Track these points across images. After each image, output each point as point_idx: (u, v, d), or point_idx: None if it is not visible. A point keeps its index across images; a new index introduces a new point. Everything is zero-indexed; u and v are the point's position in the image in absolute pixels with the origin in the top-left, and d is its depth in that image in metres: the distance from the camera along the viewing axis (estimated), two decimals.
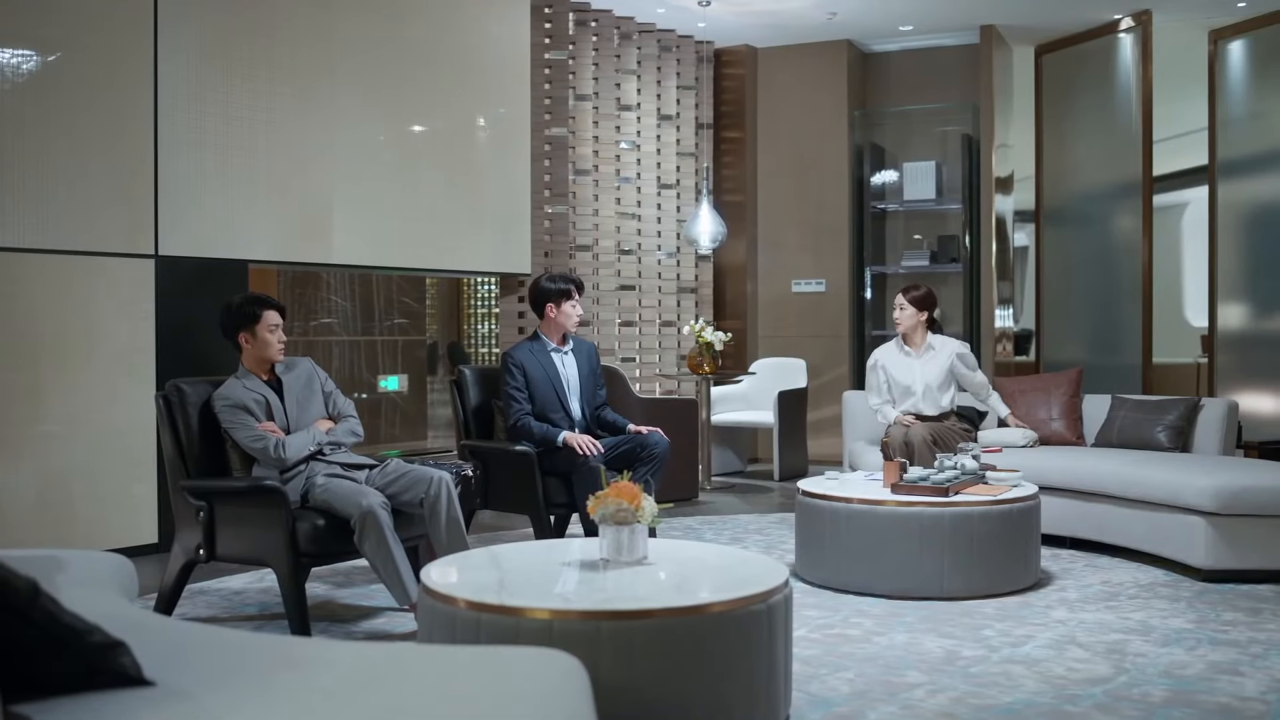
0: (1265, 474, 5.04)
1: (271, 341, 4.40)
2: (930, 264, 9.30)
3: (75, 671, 1.89)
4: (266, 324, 4.39)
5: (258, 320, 4.39)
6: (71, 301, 5.34)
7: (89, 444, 5.40)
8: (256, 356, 4.41)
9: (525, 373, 5.35)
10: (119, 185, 5.49)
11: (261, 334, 4.39)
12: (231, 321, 4.41)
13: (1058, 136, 9.28)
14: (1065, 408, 6.26)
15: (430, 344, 10.10)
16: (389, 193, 6.72)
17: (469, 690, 1.91)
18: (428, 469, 4.34)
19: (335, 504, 4.10)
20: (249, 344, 4.40)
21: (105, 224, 5.44)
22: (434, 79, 7.01)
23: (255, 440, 4.21)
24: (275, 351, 4.42)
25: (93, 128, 5.38)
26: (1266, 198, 8.43)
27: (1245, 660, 3.77)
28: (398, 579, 4.05)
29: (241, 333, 4.40)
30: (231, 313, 4.42)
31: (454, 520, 4.24)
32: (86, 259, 5.38)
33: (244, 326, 4.39)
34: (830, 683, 3.52)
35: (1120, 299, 8.66)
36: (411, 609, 4.05)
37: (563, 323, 5.52)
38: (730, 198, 9.44)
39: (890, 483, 4.89)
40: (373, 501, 4.04)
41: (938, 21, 8.90)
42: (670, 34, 9.01)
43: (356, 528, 4.04)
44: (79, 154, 5.34)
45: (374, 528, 4.01)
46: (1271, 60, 8.36)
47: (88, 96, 5.36)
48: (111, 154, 5.46)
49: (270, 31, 6.09)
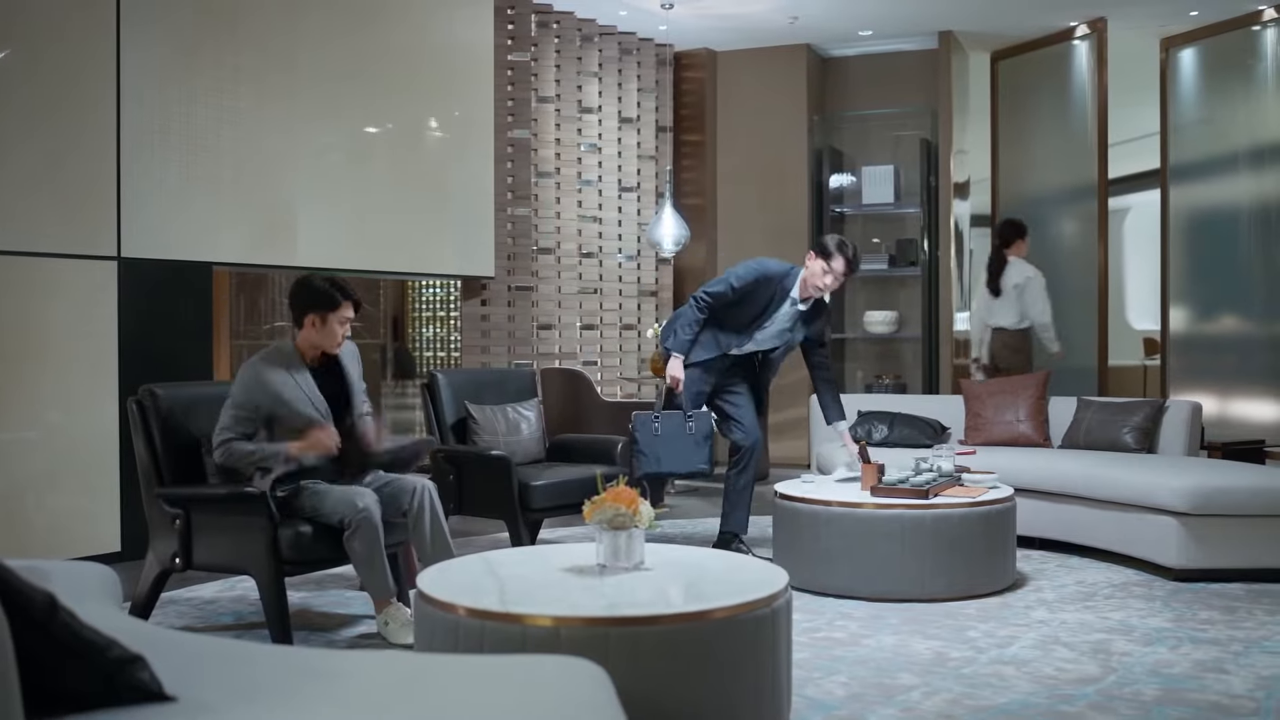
0: (1235, 475, 5.12)
1: (339, 333, 4.19)
2: (889, 267, 9.36)
3: (95, 687, 1.83)
4: (341, 315, 4.17)
5: (335, 308, 4.14)
6: (31, 305, 5.20)
7: (49, 451, 5.26)
8: (314, 342, 4.18)
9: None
10: (80, 186, 5.36)
11: (332, 323, 4.16)
12: (308, 300, 4.15)
13: (1013, 141, 9.39)
14: (1032, 410, 6.32)
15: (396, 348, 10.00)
16: (353, 194, 6.64)
17: (505, 700, 1.87)
18: (409, 477, 4.27)
19: (325, 508, 4.02)
20: (315, 328, 4.14)
21: (66, 225, 5.31)
22: (398, 81, 6.93)
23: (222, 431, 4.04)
24: (335, 343, 4.21)
25: (53, 128, 5.25)
26: (1212, 203, 8.59)
27: (1229, 658, 3.81)
28: (381, 575, 4.02)
29: (312, 314, 4.14)
30: (310, 291, 4.15)
31: (439, 528, 4.18)
32: (46, 261, 5.24)
33: (319, 309, 4.14)
34: (825, 686, 3.51)
35: (1072, 302, 8.77)
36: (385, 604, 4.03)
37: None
38: (690, 201, 9.44)
39: (869, 485, 4.90)
40: (369, 502, 3.98)
41: (897, 27, 8.97)
42: (631, 36, 9.00)
43: (349, 525, 3.96)
44: (38, 154, 5.20)
45: (369, 527, 3.95)
46: (1221, 68, 8.52)
47: (48, 96, 5.23)
48: (72, 154, 5.33)
49: (234, 32, 5.99)
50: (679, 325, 5.49)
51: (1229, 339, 8.43)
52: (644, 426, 5.41)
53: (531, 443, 5.71)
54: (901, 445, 6.24)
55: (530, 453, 5.68)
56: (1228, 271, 8.43)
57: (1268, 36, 8.14)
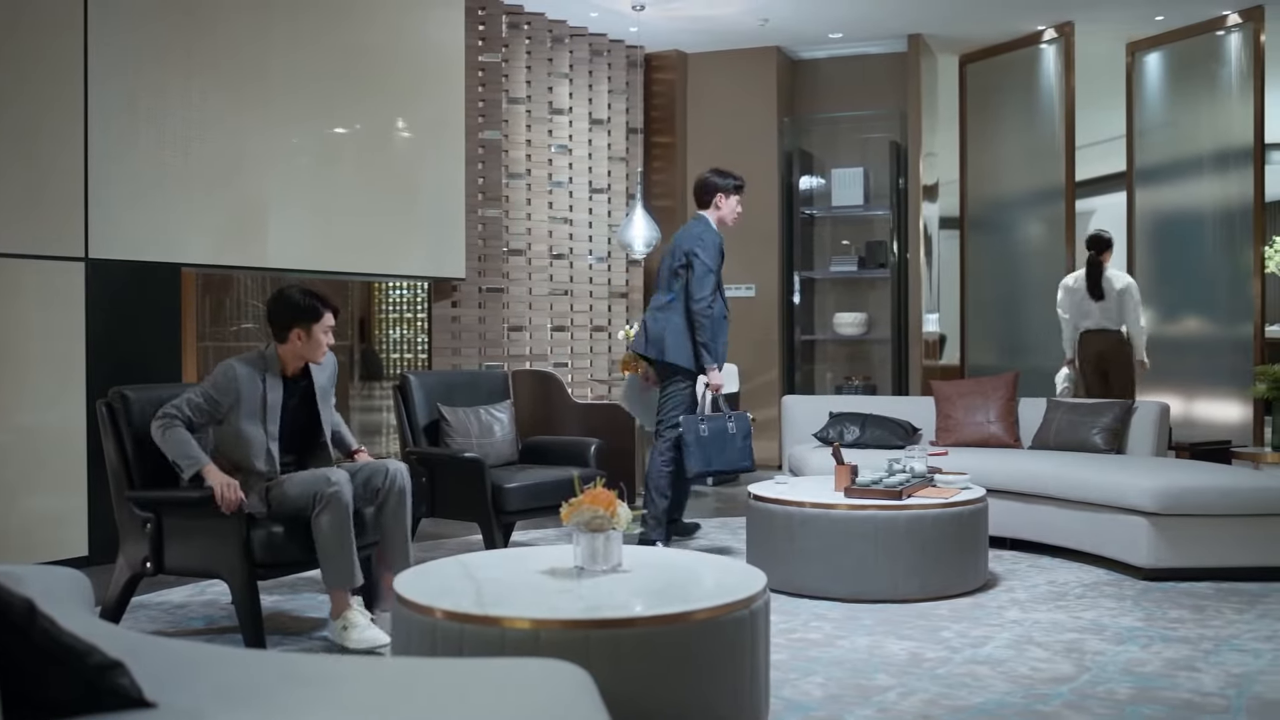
0: (1204, 475, 5.18)
1: (323, 343, 4.19)
2: (859, 269, 9.40)
3: (76, 693, 1.80)
4: (325, 324, 4.18)
5: (318, 319, 4.16)
6: None
7: (16, 454, 5.19)
8: (298, 353, 4.19)
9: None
10: (47, 186, 5.29)
11: (316, 334, 4.16)
12: (289, 314, 4.16)
13: (981, 144, 9.45)
14: (1002, 411, 6.36)
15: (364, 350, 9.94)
16: (324, 196, 6.59)
17: (492, 703, 1.86)
18: (383, 460, 4.28)
19: (293, 491, 3.97)
20: (301, 341, 4.15)
21: (33, 226, 5.24)
22: (368, 82, 6.90)
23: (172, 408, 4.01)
24: (321, 354, 4.22)
25: (19, 128, 5.19)
26: (1177, 205, 8.69)
27: (1199, 657, 3.85)
28: (347, 558, 3.94)
29: (297, 328, 4.14)
30: (291, 305, 4.16)
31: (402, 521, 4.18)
32: (13, 262, 5.17)
33: (302, 322, 4.15)
34: (802, 687, 3.52)
35: (1039, 303, 8.84)
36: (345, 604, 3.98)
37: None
38: (660, 203, 9.44)
39: (842, 487, 4.91)
40: (341, 480, 3.95)
41: (867, 29, 9.01)
42: (602, 38, 8.99)
43: (320, 501, 3.91)
44: (4, 155, 5.13)
45: (339, 504, 3.91)
46: (1186, 72, 8.61)
47: (13, 96, 5.16)
48: (39, 155, 5.26)
49: (204, 31, 5.93)
50: (708, 338, 5.55)
51: (1194, 340, 8.52)
52: (691, 428, 5.49)
53: (504, 445, 5.69)
54: (873, 446, 6.26)
55: (503, 455, 5.66)
56: (1192, 273, 8.52)
57: (1231, 41, 8.23)
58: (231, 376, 4.08)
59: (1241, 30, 8.14)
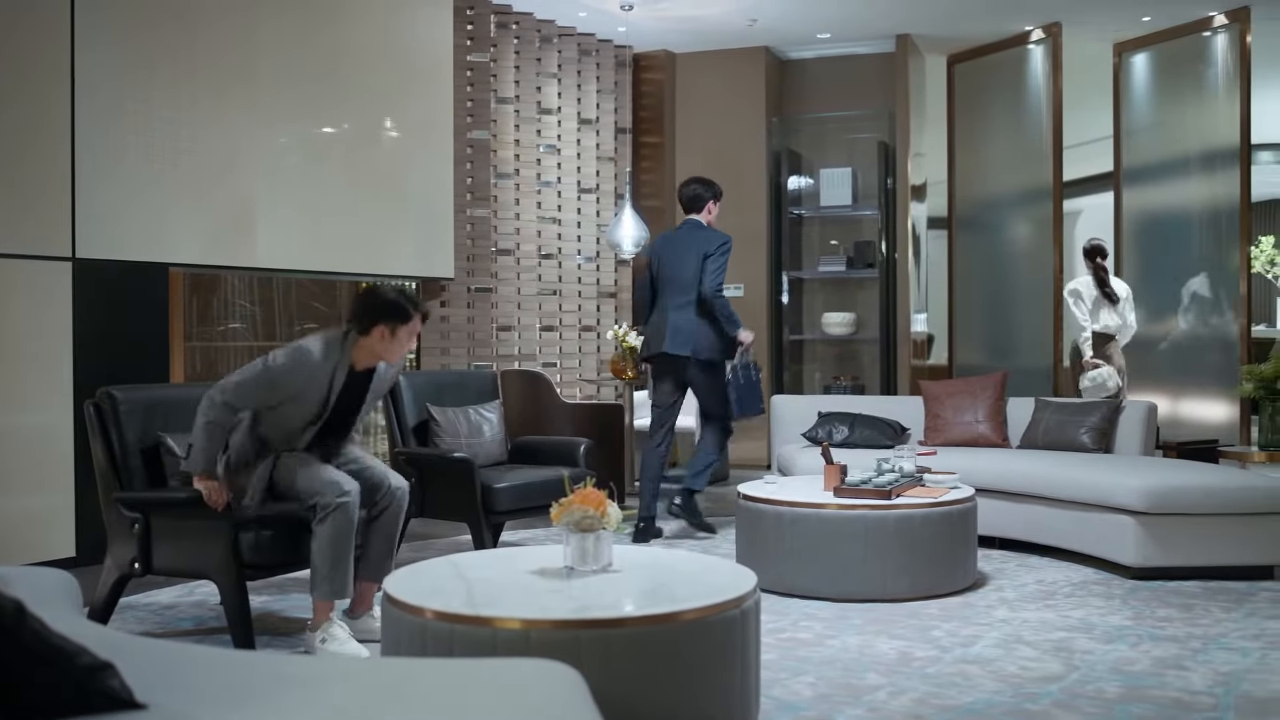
0: (1191, 474, 5.20)
1: (405, 346, 4.08)
2: (847, 269, 9.41)
3: (66, 695, 1.80)
4: (412, 328, 4.06)
5: (407, 321, 4.03)
6: None
7: (1, 454, 5.17)
8: (375, 350, 4.05)
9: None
10: (34, 186, 5.27)
11: (401, 335, 4.03)
12: (380, 311, 4.01)
13: (969, 144, 9.46)
14: (990, 410, 6.37)
15: None
16: (312, 196, 6.57)
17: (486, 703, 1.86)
18: (392, 476, 4.20)
19: (303, 482, 3.90)
20: (384, 339, 4.01)
21: (20, 225, 5.21)
22: (356, 81, 6.88)
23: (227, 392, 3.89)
24: (399, 356, 4.12)
25: (6, 127, 5.16)
26: (1164, 205, 8.71)
27: (1187, 655, 3.86)
28: (343, 572, 3.88)
29: (383, 326, 4.00)
30: (383, 303, 4.02)
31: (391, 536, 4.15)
32: None
33: (390, 321, 4.01)
34: (793, 686, 3.52)
35: (1027, 303, 8.86)
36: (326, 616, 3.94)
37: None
38: (649, 203, 9.43)
39: (831, 486, 4.92)
40: (352, 490, 3.89)
41: (855, 30, 9.02)
42: (590, 38, 8.98)
43: (325, 508, 3.85)
44: None
45: (343, 516, 3.86)
46: (1173, 72, 8.64)
47: (1, 93, 5.14)
48: (26, 154, 5.24)
49: (192, 31, 5.91)
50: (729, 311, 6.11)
51: (1180, 340, 8.55)
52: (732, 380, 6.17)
53: (494, 445, 5.69)
54: (862, 446, 6.27)
55: (492, 455, 5.66)
56: (1179, 273, 8.55)
57: (1218, 42, 8.26)
58: (306, 365, 3.95)
59: (1228, 31, 8.17)
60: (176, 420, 4.25)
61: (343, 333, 4.05)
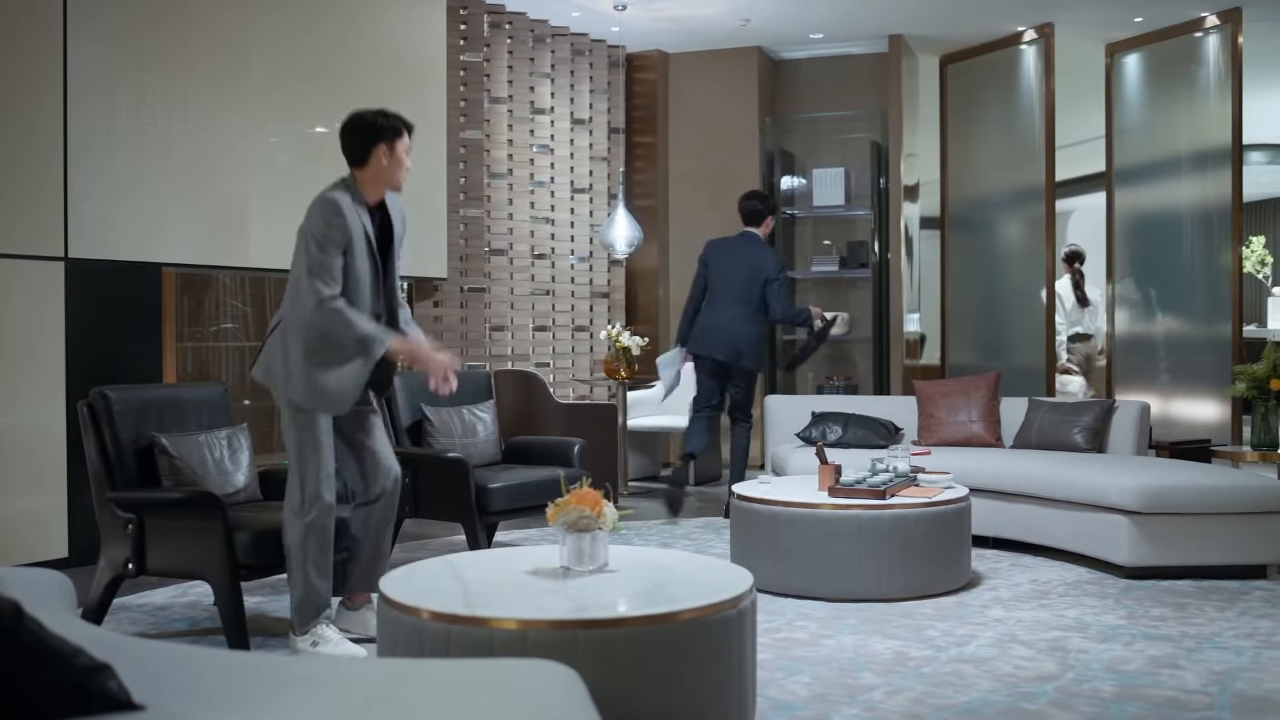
0: (1184, 474, 5.21)
1: (405, 163, 3.83)
2: (840, 269, 9.42)
3: (63, 697, 1.79)
4: (405, 144, 3.82)
5: (400, 136, 3.80)
6: None
7: None
8: (380, 177, 3.82)
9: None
10: (27, 186, 5.25)
11: (399, 151, 3.80)
12: (371, 132, 3.78)
13: (961, 144, 9.47)
14: (984, 410, 6.38)
15: None
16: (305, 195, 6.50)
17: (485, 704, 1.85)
18: (394, 464, 4.11)
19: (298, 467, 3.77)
20: (385, 158, 3.78)
21: (12, 225, 5.19)
22: (349, 81, 6.86)
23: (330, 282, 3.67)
24: (404, 176, 3.86)
25: None
26: (1156, 205, 8.73)
27: (1181, 654, 3.87)
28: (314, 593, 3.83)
29: (381, 145, 3.77)
30: (369, 124, 3.79)
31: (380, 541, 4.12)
32: None
33: (386, 138, 3.78)
34: (788, 686, 3.52)
35: (1019, 303, 8.88)
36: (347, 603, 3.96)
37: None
38: (642, 203, 9.43)
39: (826, 486, 4.92)
40: (330, 504, 3.82)
41: (848, 30, 9.03)
42: (584, 38, 8.98)
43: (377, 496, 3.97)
44: None
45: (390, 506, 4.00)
46: (1165, 73, 8.65)
47: None
48: (18, 154, 5.22)
49: (184, 31, 5.89)
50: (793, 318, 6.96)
51: (1172, 340, 8.57)
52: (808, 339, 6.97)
53: (488, 445, 5.69)
54: (856, 446, 6.28)
55: (486, 455, 5.65)
56: (1170, 273, 8.57)
57: (1209, 43, 8.28)
58: (337, 209, 3.74)
59: (1219, 32, 8.19)
60: (170, 420, 4.25)
61: (340, 180, 3.87)
